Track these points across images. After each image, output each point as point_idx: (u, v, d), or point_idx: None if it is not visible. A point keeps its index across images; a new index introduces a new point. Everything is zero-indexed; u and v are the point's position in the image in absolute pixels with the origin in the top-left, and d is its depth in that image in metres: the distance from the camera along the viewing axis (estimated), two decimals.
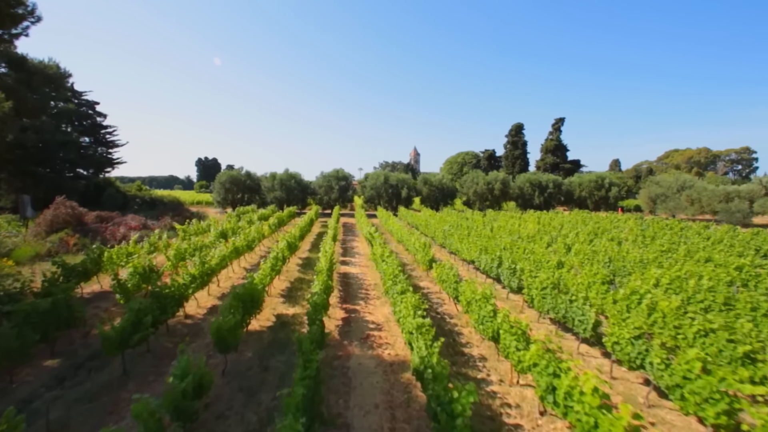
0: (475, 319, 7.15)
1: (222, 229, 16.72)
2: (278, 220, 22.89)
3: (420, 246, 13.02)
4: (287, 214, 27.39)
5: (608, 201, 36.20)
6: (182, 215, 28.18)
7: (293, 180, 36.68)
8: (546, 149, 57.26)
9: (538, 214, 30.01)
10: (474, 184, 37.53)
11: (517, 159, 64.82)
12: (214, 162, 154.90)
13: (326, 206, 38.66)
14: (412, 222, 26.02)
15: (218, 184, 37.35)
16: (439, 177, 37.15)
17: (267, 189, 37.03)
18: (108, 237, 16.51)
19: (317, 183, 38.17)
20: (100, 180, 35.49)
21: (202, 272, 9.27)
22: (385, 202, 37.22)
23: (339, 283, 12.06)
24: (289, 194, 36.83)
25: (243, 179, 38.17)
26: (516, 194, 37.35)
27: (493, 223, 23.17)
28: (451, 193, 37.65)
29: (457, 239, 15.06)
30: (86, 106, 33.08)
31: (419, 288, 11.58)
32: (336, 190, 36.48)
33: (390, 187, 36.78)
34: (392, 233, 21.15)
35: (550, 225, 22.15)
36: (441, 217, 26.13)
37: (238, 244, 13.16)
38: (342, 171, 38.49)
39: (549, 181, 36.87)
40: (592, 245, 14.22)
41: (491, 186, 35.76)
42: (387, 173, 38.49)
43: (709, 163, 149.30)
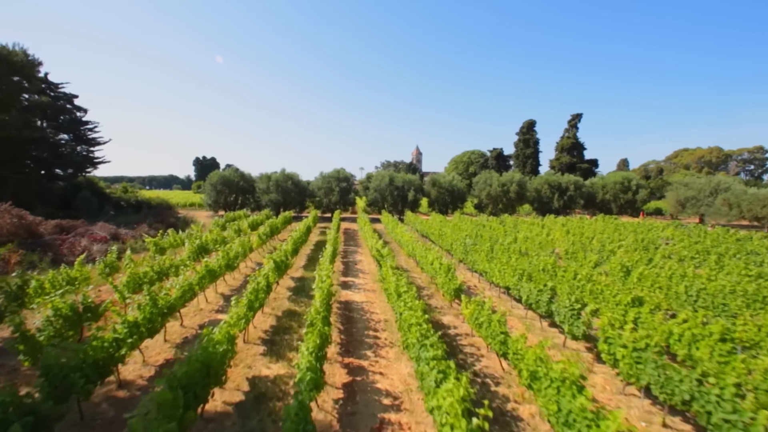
0: (550, 410, 4.63)
1: (201, 242, 14.25)
2: (271, 228, 20.43)
3: (440, 268, 10.52)
4: (282, 220, 24.93)
5: (635, 204, 33.58)
6: (166, 221, 25.77)
7: (290, 181, 34.24)
8: (561, 148, 54.55)
9: (562, 221, 27.42)
10: (487, 186, 34.97)
11: (529, 158, 62.13)
12: (212, 161, 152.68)
13: (326, 209, 36.22)
14: (423, 230, 23.50)
15: (209, 186, 34.96)
16: (448, 178, 34.65)
17: (261, 191, 34.61)
18: (65, 252, 14.06)
19: (316, 184, 35.72)
20: (82, 181, 33.22)
21: (150, 317, 6.80)
22: (390, 205, 34.72)
23: (339, 317, 9.58)
24: (285, 197, 34.39)
25: (236, 180, 35.77)
26: (533, 197, 34.76)
27: (515, 233, 20.62)
28: (461, 195, 35.13)
29: (484, 257, 12.54)
30: (63, 100, 30.71)
31: (441, 325, 9.08)
32: (336, 193, 34.01)
33: (395, 189, 34.29)
34: (401, 244, 18.66)
35: (582, 235, 19.58)
36: (455, 224, 23.60)
37: (214, 266, 10.69)
38: (343, 171, 36.01)
39: (569, 183, 34.28)
40: (653, 266, 11.67)
41: (506, 188, 33.21)
42: (392, 174, 36.00)
43: (721, 163, 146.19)
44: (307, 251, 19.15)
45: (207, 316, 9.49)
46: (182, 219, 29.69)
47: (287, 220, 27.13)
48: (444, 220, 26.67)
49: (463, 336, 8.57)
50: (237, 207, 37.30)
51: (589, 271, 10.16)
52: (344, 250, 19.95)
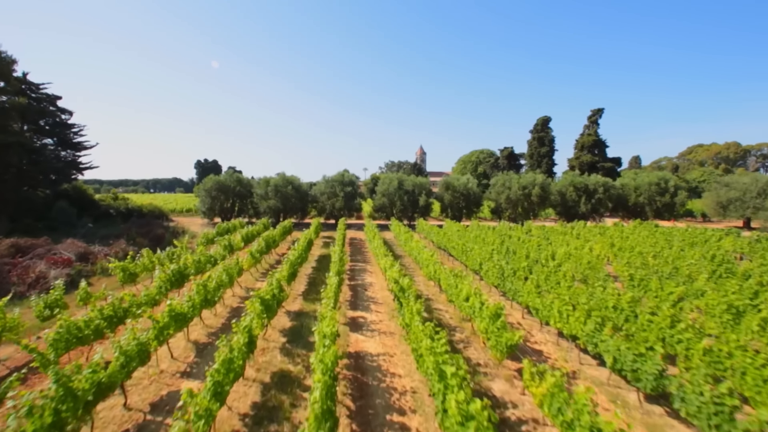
0: None
1: (179, 267, 11.80)
2: (267, 242, 17.99)
3: (482, 310, 7.95)
4: (280, 231, 22.49)
5: (673, 208, 30.59)
6: (152, 232, 23.48)
7: (290, 186, 31.85)
8: (581, 145, 51.43)
9: (597, 228, 24.60)
10: (505, 189, 32.24)
11: (544, 157, 59.10)
12: (214, 164, 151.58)
13: (329, 215, 33.76)
14: (440, 242, 20.87)
15: (203, 192, 32.73)
16: (463, 181, 31.99)
17: (259, 197, 32.25)
18: (14, 280, 11.72)
19: (319, 189, 33.28)
20: (68, 189, 31.17)
21: (54, 419, 4.32)
22: (399, 211, 32.16)
23: (348, 384, 7.03)
24: (285, 203, 32.01)
25: (232, 185, 33.48)
26: (557, 200, 31.93)
27: (549, 246, 17.92)
28: (477, 200, 32.45)
29: (532, 289, 9.91)
30: (45, 102, 28.65)
31: (490, 396, 6.49)
32: (341, 198, 31.53)
33: (405, 194, 31.72)
34: (418, 262, 16.10)
35: (633, 250, 16.81)
36: (476, 235, 20.93)
37: (183, 308, 8.21)
38: (348, 174, 33.53)
39: (597, 185, 31.40)
40: (759, 301, 8.94)
41: (527, 191, 30.47)
42: (401, 176, 33.44)
43: (739, 158, 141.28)
44: (308, 270, 16.66)
45: (168, 383, 7.01)
46: (173, 229, 27.43)
47: (287, 230, 24.71)
48: (462, 229, 24.02)
49: (529, 422, 5.95)
50: (234, 214, 35.04)
51: (674, 312, 7.51)
52: (351, 267, 17.44)
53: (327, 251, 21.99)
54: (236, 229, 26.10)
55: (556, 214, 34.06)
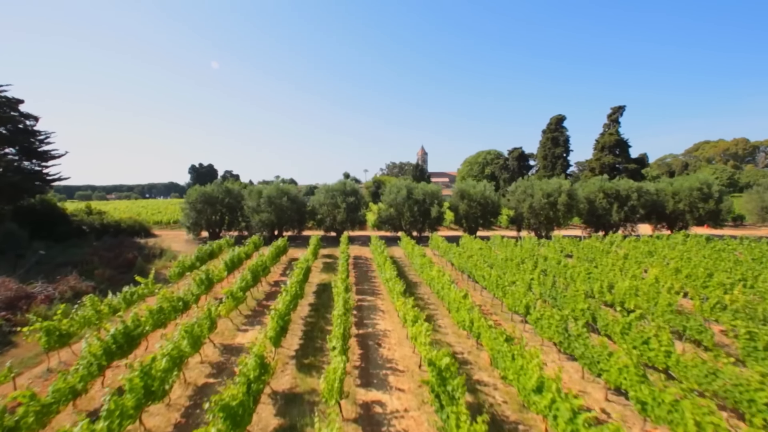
0: None
1: (123, 329, 8.72)
2: (254, 274, 14.92)
3: (559, 412, 4.87)
4: (273, 254, 19.47)
5: (718, 216, 27.48)
6: (121, 257, 20.40)
7: (285, 197, 28.81)
8: (602, 146, 48.25)
9: (641, 243, 21.50)
10: (526, 197, 29.17)
11: (558, 159, 56.05)
12: (209, 168, 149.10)
13: (330, 228, 30.69)
14: (463, 267, 17.77)
15: (187, 205, 29.67)
16: (479, 188, 28.90)
17: (251, 210, 29.19)
18: None
19: (318, 200, 30.23)
20: (35, 203, 28.18)
21: None
22: (409, 223, 29.09)
23: None
24: (280, 216, 28.96)
25: (220, 197, 30.45)
26: (585, 208, 28.81)
27: (600, 273, 14.82)
28: (494, 209, 29.37)
29: (632, 373, 6.80)
30: (5, 106, 25.65)
31: None
32: (342, 210, 28.47)
33: (415, 204, 28.65)
34: (443, 298, 13.07)
35: (707, 278, 13.69)
36: (506, 257, 17.79)
37: (101, 429, 5.13)
38: (350, 183, 30.49)
39: (630, 190, 28.31)
40: None
41: (553, 199, 27.39)
42: (409, 184, 30.40)
43: (747, 155, 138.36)
44: (303, 310, 13.58)
45: None
46: (149, 250, 24.35)
47: (280, 250, 21.66)
48: (485, 247, 20.95)
49: None
50: (224, 227, 31.99)
51: None
52: (358, 303, 14.40)
53: (327, 277, 18.95)
54: (222, 250, 23.04)
55: (583, 223, 30.94)
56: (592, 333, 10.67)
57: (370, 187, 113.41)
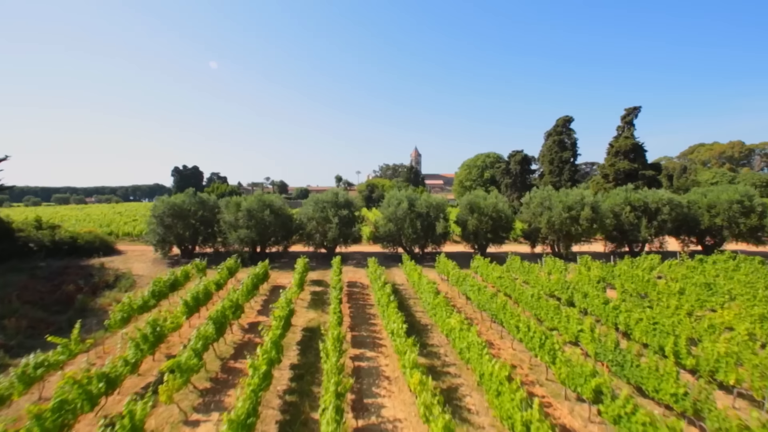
0: None
1: None
2: (217, 324, 11.56)
3: None
4: (249, 286, 16.13)
5: (759, 232, 24.79)
6: (59, 290, 16.74)
7: (267, 210, 25.37)
8: (617, 151, 45.55)
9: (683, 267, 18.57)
10: (543, 209, 26.17)
11: (566, 164, 53.46)
12: (194, 171, 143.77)
13: (320, 245, 27.29)
14: (490, 310, 14.52)
15: (153, 220, 26.03)
16: (492, 201, 25.78)
17: (228, 225, 25.67)
18: None
19: (305, 213, 26.84)
20: None
21: None
22: (411, 240, 25.86)
23: None
24: (262, 232, 25.51)
25: (192, 209, 26.86)
26: (612, 224, 25.87)
27: (663, 315, 11.74)
28: (508, 223, 26.32)
29: None
30: None
31: None
32: (335, 226, 25.09)
33: (417, 218, 25.44)
34: (467, 360, 9.91)
35: None
36: (536, 292, 14.58)
37: None
38: (343, 194, 27.16)
39: (661, 202, 25.50)
40: None
41: (575, 212, 24.41)
42: (410, 195, 27.21)
43: (743, 158, 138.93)
44: (283, 380, 10.22)
45: None
46: (102, 277, 20.67)
47: (259, 278, 18.25)
48: (504, 275, 17.79)
49: None
50: (198, 243, 28.38)
51: None
52: (356, 365, 11.10)
53: (316, 316, 15.65)
54: (189, 278, 19.54)
55: (605, 238, 28.00)
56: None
57: (363, 191, 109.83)
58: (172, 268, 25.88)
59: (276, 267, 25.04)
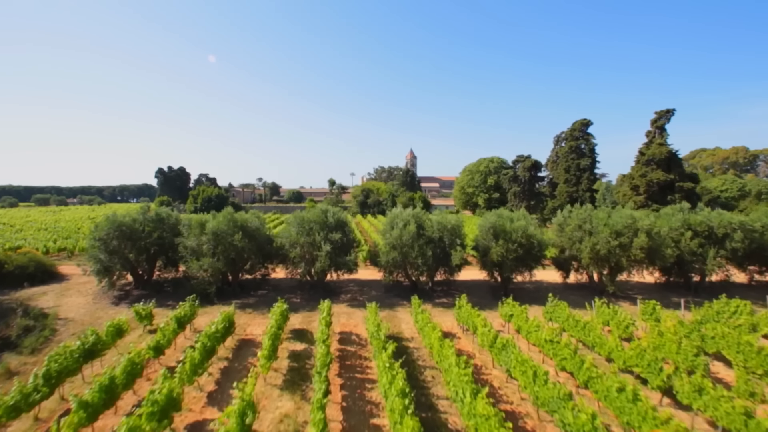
0: None
1: None
2: None
3: None
4: (191, 369, 11.09)
5: None
6: None
7: (239, 233, 20.32)
8: (648, 159, 40.75)
9: None
10: (583, 234, 21.39)
11: (584, 172, 48.87)
12: (180, 172, 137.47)
13: (306, 273, 22.27)
14: (565, 421, 9.62)
15: (94, 243, 20.85)
16: (521, 225, 20.85)
17: (190, 252, 20.58)
18: None
19: (288, 236, 21.84)
20: None
21: None
22: (419, 271, 20.97)
23: None
24: (232, 260, 20.45)
25: (146, 229, 21.75)
26: (672, 254, 21.02)
27: None
28: (540, 249, 21.48)
29: None
30: None
31: None
32: (324, 255, 20.09)
33: (428, 244, 20.58)
34: None
35: None
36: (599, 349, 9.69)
37: None
38: (335, 212, 22.15)
39: (731, 227, 20.85)
40: None
41: (626, 239, 19.66)
42: (418, 213, 22.32)
43: (747, 164, 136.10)
44: None
45: None
46: (14, 322, 15.50)
47: (218, 336, 13.22)
48: (552, 334, 12.93)
49: None
50: (154, 273, 23.26)
51: None
52: None
53: (290, 409, 10.71)
54: (123, 333, 14.43)
55: (659, 271, 23.14)
56: None
57: (358, 196, 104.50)
58: (118, 305, 20.80)
59: (249, 306, 20.02)
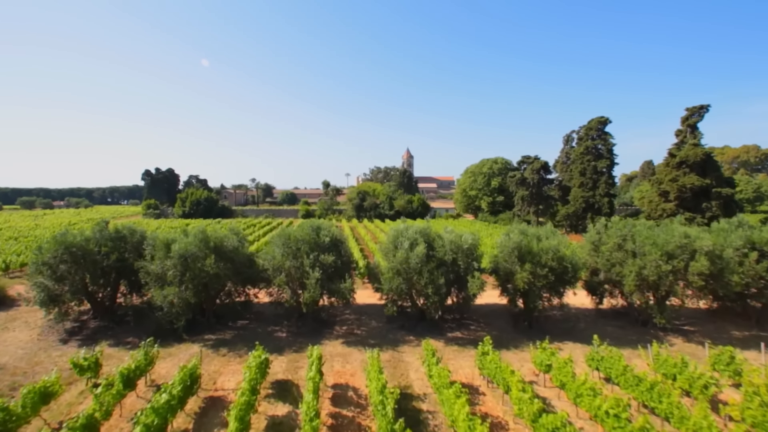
0: None
1: None
2: None
3: None
4: None
5: None
6: None
7: (213, 255, 16.92)
8: (680, 162, 37.00)
9: None
10: (624, 255, 17.99)
11: (602, 175, 45.46)
12: (168, 174, 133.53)
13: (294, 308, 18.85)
14: None
15: (38, 267, 17.46)
16: (551, 244, 17.43)
17: (154, 278, 17.19)
18: None
19: (271, 258, 18.39)
20: None
21: None
22: (428, 302, 17.57)
23: None
24: (204, 288, 17.06)
25: (102, 250, 18.37)
26: (739, 281, 17.59)
27: None
28: (573, 273, 18.11)
29: None
30: None
31: None
32: (314, 283, 16.67)
33: (439, 268, 17.18)
34: None
35: None
36: None
37: None
38: (327, 228, 18.75)
39: None
40: None
41: (680, 262, 16.29)
42: (425, 229, 18.94)
43: (758, 163, 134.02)
44: None
45: None
46: None
47: (177, 400, 9.80)
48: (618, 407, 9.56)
49: None
50: (116, 298, 19.88)
51: None
52: None
53: None
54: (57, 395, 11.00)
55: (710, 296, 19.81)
56: None
57: (354, 198, 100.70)
58: (68, 342, 17.44)
59: (224, 344, 16.65)
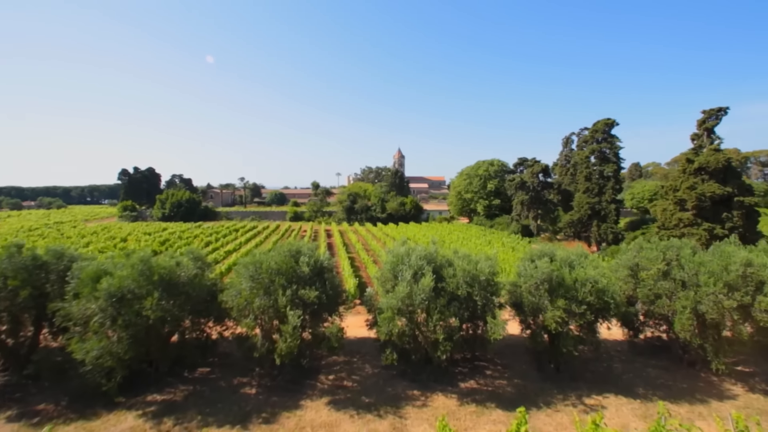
0: None
1: None
2: None
3: None
4: None
5: None
6: None
7: (158, 290, 13.01)
8: (698, 168, 34.44)
9: None
10: (673, 285, 14.87)
11: (609, 180, 42.89)
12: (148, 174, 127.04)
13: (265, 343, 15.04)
14: None
15: None
16: (587, 273, 14.23)
17: (80, 323, 13.16)
18: None
19: (235, 293, 14.46)
20: None
21: None
22: (435, 351, 14.04)
23: None
24: (144, 338, 13.13)
25: (7, 282, 14.21)
26: None
27: None
28: (616, 310, 14.87)
29: None
30: None
31: None
32: (291, 329, 12.90)
33: (451, 303, 13.72)
34: None
35: None
36: None
37: None
38: (309, 255, 14.95)
39: None
40: None
41: (745, 296, 13.31)
42: (432, 255, 15.43)
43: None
44: None
45: None
46: None
47: None
48: None
49: None
50: (38, 344, 15.74)
51: None
52: None
53: None
54: None
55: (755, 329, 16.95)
56: None
57: (344, 201, 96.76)
58: None
59: (172, 410, 12.74)
